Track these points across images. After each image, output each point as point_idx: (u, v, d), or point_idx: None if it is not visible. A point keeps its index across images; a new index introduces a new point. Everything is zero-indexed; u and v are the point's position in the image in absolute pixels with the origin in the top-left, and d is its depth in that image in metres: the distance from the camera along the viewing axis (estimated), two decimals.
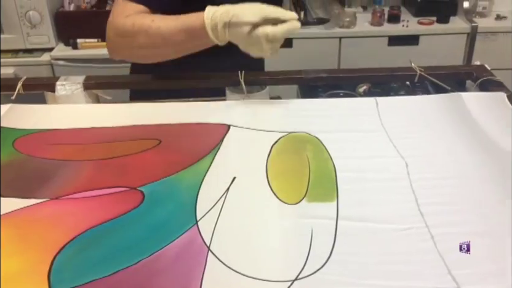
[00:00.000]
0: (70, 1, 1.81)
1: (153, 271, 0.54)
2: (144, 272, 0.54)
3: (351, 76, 0.98)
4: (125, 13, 0.87)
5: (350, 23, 1.95)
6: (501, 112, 0.82)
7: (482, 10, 2.07)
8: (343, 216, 0.61)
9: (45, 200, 0.65)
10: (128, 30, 0.86)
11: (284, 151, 0.75)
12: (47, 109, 0.92)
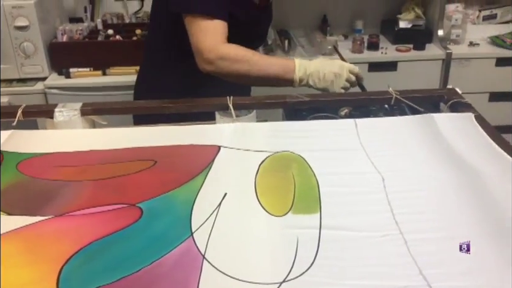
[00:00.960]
0: (63, 32, 1.88)
1: (153, 278, 0.59)
2: (145, 279, 0.59)
3: (332, 99, 1.06)
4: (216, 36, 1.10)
5: (332, 51, 2.04)
6: (469, 131, 0.90)
7: (456, 37, 2.19)
8: (326, 226, 0.67)
9: (50, 218, 0.70)
10: (230, 57, 1.10)
11: (270, 169, 0.81)
12: (47, 134, 0.98)
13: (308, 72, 1.12)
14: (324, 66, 1.12)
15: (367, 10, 2.35)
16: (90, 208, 0.72)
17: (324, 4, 2.30)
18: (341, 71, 1.11)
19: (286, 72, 1.12)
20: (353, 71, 1.14)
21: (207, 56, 1.11)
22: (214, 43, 1.10)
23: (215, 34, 1.11)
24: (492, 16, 2.33)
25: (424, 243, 0.63)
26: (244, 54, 1.11)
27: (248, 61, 1.11)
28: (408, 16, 2.23)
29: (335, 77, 1.11)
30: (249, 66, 1.11)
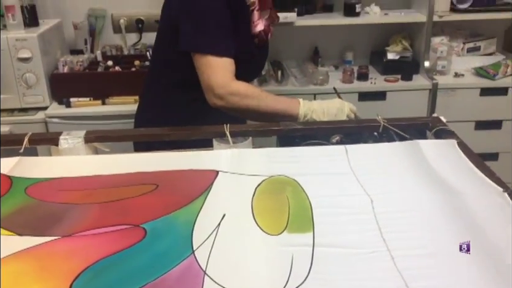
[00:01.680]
0: (64, 64, 1.95)
1: None
2: None
3: (323, 127, 1.12)
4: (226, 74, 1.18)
5: (323, 80, 2.13)
6: (452, 157, 0.96)
7: (442, 68, 2.28)
8: (319, 244, 0.72)
9: (59, 238, 0.74)
10: (241, 93, 1.19)
11: (266, 191, 0.86)
12: (53, 160, 1.02)
13: (312, 108, 1.19)
14: (326, 103, 1.21)
15: (357, 43, 2.45)
16: (96, 229, 0.76)
17: (316, 36, 2.40)
18: (343, 107, 1.20)
19: (291, 108, 1.19)
20: (353, 109, 1.22)
21: (218, 92, 1.18)
22: (225, 79, 1.18)
23: (224, 71, 1.18)
24: (475, 49, 2.43)
25: (410, 259, 0.68)
26: (253, 91, 1.20)
27: (257, 97, 1.19)
28: (395, 48, 2.33)
29: (338, 111, 1.19)
30: (258, 102, 1.19)
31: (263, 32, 1.29)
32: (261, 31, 1.29)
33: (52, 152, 1.11)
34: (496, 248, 0.69)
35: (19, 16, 1.89)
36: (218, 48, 1.18)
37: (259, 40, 1.30)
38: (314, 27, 2.23)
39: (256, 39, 1.29)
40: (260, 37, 1.29)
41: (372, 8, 2.28)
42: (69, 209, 0.82)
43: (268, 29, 1.33)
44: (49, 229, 0.76)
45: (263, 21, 1.29)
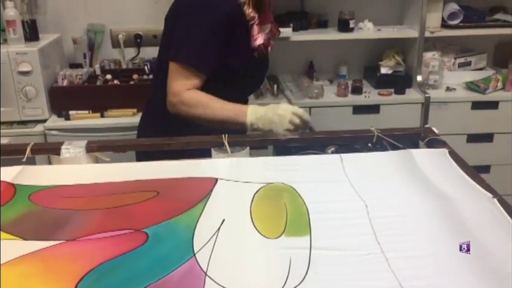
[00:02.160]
0: (63, 77, 1.98)
1: None
2: None
3: (319, 137, 1.15)
4: (187, 83, 1.21)
5: (318, 94, 2.17)
6: (443, 164, 1.00)
7: (434, 83, 2.33)
8: (315, 247, 0.74)
9: (63, 242, 0.76)
10: (189, 103, 1.22)
11: (264, 197, 0.89)
12: (55, 168, 1.05)
13: (259, 115, 1.19)
14: (271, 110, 1.18)
15: (351, 57, 2.50)
16: (99, 233, 0.79)
17: (311, 51, 2.44)
18: (285, 113, 1.17)
19: (238, 116, 1.20)
20: (297, 112, 1.19)
21: (170, 99, 1.23)
22: (180, 88, 1.21)
23: (185, 80, 1.22)
24: (466, 64, 2.49)
25: (404, 260, 0.70)
26: (201, 99, 1.22)
27: (204, 106, 1.21)
28: (388, 63, 2.38)
29: (279, 118, 1.16)
30: (205, 111, 1.21)
31: (262, 46, 1.31)
32: (261, 45, 1.31)
33: (52, 162, 1.13)
34: (486, 249, 0.72)
35: (20, 31, 1.92)
36: (189, 59, 1.22)
37: (259, 54, 1.32)
38: (309, 42, 2.28)
39: (256, 52, 1.31)
40: (259, 51, 1.31)
41: (366, 24, 2.33)
42: (73, 215, 0.84)
43: (267, 43, 1.35)
44: (53, 233, 0.79)
45: (263, 35, 1.32)
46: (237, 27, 1.25)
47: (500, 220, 0.79)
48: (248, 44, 1.29)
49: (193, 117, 1.23)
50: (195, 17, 1.23)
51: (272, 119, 1.16)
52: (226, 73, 1.28)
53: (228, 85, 1.29)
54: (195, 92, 1.23)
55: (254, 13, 1.27)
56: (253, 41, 1.29)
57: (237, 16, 1.25)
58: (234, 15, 1.24)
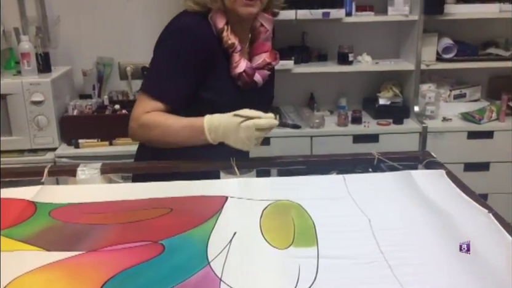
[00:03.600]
0: (74, 107, 2.06)
1: None
2: None
3: (322, 160, 1.21)
4: (146, 109, 1.16)
5: (319, 124, 2.24)
6: (441, 183, 1.05)
7: (430, 113, 2.42)
8: (323, 256, 0.79)
9: (84, 252, 0.81)
10: (147, 124, 1.15)
11: (272, 213, 0.94)
12: (73, 188, 1.10)
13: (220, 134, 1.12)
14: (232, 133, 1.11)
15: (350, 89, 2.59)
16: (118, 245, 0.83)
17: (311, 83, 2.54)
18: (249, 134, 1.09)
19: (198, 133, 1.13)
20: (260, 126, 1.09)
21: (131, 125, 1.19)
22: (140, 112, 1.17)
23: (145, 106, 1.17)
24: (461, 95, 2.58)
25: (406, 267, 0.75)
26: (159, 120, 1.16)
27: (161, 127, 1.16)
28: (387, 94, 2.47)
29: (246, 140, 1.10)
30: (162, 131, 1.15)
31: (245, 74, 1.25)
32: (242, 74, 1.25)
33: (68, 183, 1.18)
34: (483, 258, 0.77)
35: (33, 63, 2.02)
36: (152, 89, 1.19)
37: (243, 84, 1.26)
38: (310, 74, 2.38)
39: (238, 81, 1.26)
40: (242, 80, 1.25)
41: (364, 57, 2.44)
42: (92, 229, 0.89)
43: (251, 72, 1.27)
44: (75, 245, 0.83)
45: (246, 63, 1.25)
46: (214, 58, 1.22)
47: (495, 232, 0.84)
48: (227, 72, 1.25)
49: (152, 141, 1.18)
50: (164, 49, 1.21)
51: (239, 142, 1.11)
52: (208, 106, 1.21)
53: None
54: (154, 113, 1.17)
55: (233, 40, 1.22)
56: (232, 69, 1.24)
57: (212, 48, 1.21)
58: (206, 49, 1.20)
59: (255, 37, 1.31)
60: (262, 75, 1.31)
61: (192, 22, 1.21)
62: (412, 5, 2.36)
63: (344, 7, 2.30)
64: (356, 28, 2.44)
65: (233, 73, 1.25)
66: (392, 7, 2.37)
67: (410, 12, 2.36)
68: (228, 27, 1.22)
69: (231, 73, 1.25)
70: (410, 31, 2.41)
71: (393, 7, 2.37)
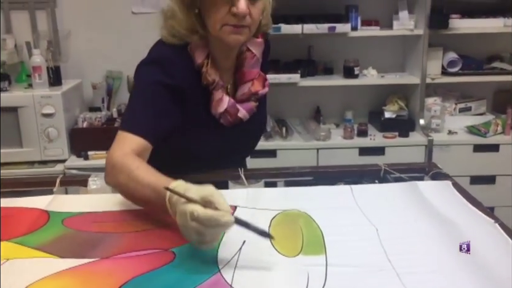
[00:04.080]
0: (83, 120, 2.09)
1: None
2: None
3: (330, 171, 1.23)
4: (124, 148, 1.01)
5: (325, 136, 2.26)
6: (448, 194, 1.07)
7: (436, 126, 2.43)
8: (331, 264, 0.80)
9: (98, 259, 0.83)
10: (116, 166, 0.98)
11: (281, 222, 0.95)
12: (84, 197, 1.12)
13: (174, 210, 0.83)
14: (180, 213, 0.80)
15: (356, 103, 2.62)
16: (130, 252, 0.85)
17: (317, 96, 2.57)
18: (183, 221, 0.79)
19: (160, 201, 0.86)
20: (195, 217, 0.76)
21: (106, 165, 1.03)
22: (113, 151, 1.02)
23: (123, 144, 1.03)
24: (467, 109, 2.60)
25: (413, 274, 0.76)
26: (128, 166, 0.96)
27: (128, 174, 0.95)
28: (392, 107, 2.49)
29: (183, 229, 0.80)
30: (128, 180, 0.95)
31: (227, 114, 1.16)
32: (225, 112, 1.16)
33: (80, 193, 1.21)
34: (490, 268, 0.78)
35: (44, 76, 2.06)
36: (130, 125, 1.06)
37: (225, 122, 1.18)
38: (316, 87, 2.41)
39: (220, 119, 1.17)
40: (224, 118, 1.17)
41: (369, 71, 2.46)
42: (104, 237, 0.91)
43: (233, 110, 1.17)
44: (88, 252, 0.85)
45: (228, 101, 1.16)
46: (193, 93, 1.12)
47: (501, 242, 0.85)
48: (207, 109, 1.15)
49: (118, 187, 1.00)
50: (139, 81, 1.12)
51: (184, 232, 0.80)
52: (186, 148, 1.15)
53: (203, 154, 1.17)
54: (128, 155, 0.99)
55: (213, 76, 1.12)
56: (213, 108, 1.15)
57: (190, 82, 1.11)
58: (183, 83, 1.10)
59: (241, 64, 1.18)
60: (248, 108, 1.20)
61: (169, 53, 1.10)
62: (417, 19, 2.40)
63: (349, 21, 2.34)
64: (361, 42, 2.47)
65: (214, 112, 1.15)
66: (398, 22, 2.40)
67: (415, 26, 2.40)
68: (208, 61, 1.12)
69: (211, 110, 1.15)
70: (415, 45, 2.44)
71: (398, 21, 2.40)
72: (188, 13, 1.08)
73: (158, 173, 0.93)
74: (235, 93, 1.21)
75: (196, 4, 1.07)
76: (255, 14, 1.06)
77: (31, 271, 0.79)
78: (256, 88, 1.19)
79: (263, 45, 1.20)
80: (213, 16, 1.05)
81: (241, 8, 1.02)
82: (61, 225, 0.96)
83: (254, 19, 1.06)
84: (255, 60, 1.19)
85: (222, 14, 1.04)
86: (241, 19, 1.03)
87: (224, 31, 1.06)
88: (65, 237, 0.91)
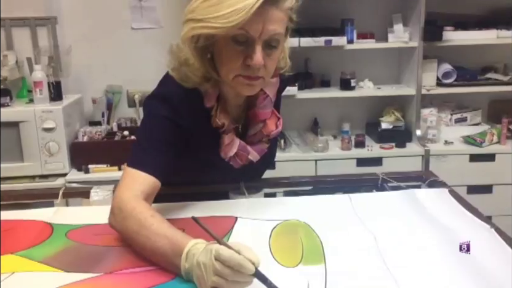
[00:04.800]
0: (84, 134, 2.11)
1: None
2: None
3: (329, 180, 1.25)
4: (134, 188, 0.97)
5: (323, 148, 2.29)
6: (445, 201, 1.09)
7: (432, 137, 2.46)
8: (331, 272, 0.82)
9: (102, 274, 0.84)
10: (127, 210, 0.92)
11: (281, 233, 0.97)
12: (87, 209, 1.14)
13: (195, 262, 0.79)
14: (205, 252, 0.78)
15: (353, 114, 2.65)
16: (133, 268, 0.86)
17: (315, 108, 2.60)
18: (206, 260, 0.76)
19: (175, 254, 0.82)
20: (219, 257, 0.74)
21: (112, 204, 0.97)
22: (121, 191, 0.98)
23: (132, 184, 0.99)
24: (462, 119, 2.63)
25: (409, 277, 0.79)
26: (140, 211, 0.92)
27: (140, 220, 0.90)
28: (389, 119, 2.52)
29: (202, 269, 0.76)
30: (139, 227, 0.89)
31: (237, 157, 1.13)
32: (234, 155, 1.12)
33: (83, 204, 1.23)
34: (487, 272, 0.80)
35: (45, 91, 2.08)
36: (137, 162, 1.02)
37: (235, 163, 1.14)
38: (313, 99, 2.44)
39: (230, 162, 1.13)
40: (233, 161, 1.14)
41: (366, 83, 2.50)
42: (107, 251, 0.92)
43: (244, 154, 1.13)
44: (92, 267, 0.86)
45: (238, 144, 1.12)
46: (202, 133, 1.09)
47: (497, 246, 0.87)
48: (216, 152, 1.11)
49: (124, 232, 0.94)
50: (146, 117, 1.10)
51: (196, 272, 0.78)
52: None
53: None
54: (138, 201, 0.95)
55: (223, 120, 1.07)
56: (222, 151, 1.11)
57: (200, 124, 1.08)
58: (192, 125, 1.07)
59: (253, 103, 1.13)
60: (259, 150, 1.16)
61: (179, 92, 1.05)
62: (412, 32, 2.44)
63: (345, 34, 2.38)
64: (357, 54, 2.51)
65: (224, 156, 1.12)
66: (393, 34, 2.44)
67: (409, 39, 2.44)
68: (217, 105, 1.08)
69: (220, 153, 1.12)
70: (410, 57, 2.48)
71: (393, 34, 2.44)
72: (202, 60, 1.02)
73: (173, 226, 0.89)
74: (245, 132, 1.16)
75: (209, 49, 1.02)
76: (270, 65, 1.01)
77: (37, 285, 0.80)
78: (268, 129, 1.15)
79: (277, 85, 1.16)
80: (226, 66, 1.00)
81: (257, 61, 0.96)
82: (65, 238, 0.98)
83: (269, 70, 1.01)
84: (268, 100, 1.13)
85: (236, 65, 0.98)
86: (256, 71, 0.98)
87: (237, 81, 1.01)
88: (69, 250, 0.93)
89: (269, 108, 1.15)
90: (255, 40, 0.95)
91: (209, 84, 1.05)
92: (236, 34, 0.95)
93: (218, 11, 0.92)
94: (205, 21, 0.94)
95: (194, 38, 0.98)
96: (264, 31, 0.95)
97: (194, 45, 0.99)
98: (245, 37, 0.95)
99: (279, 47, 1.01)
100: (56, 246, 0.94)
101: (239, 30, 0.93)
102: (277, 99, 1.20)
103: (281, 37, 0.99)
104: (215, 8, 0.92)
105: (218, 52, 1.01)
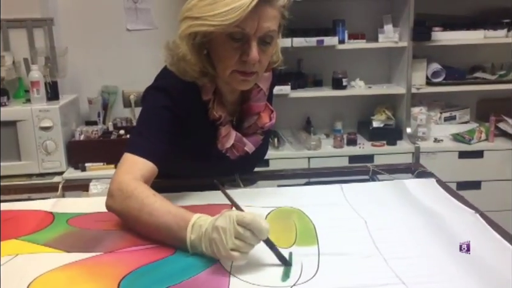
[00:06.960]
0: (80, 133, 2.14)
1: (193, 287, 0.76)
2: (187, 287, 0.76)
3: (321, 172, 1.29)
4: (133, 172, 1.00)
5: (316, 146, 2.33)
6: (432, 190, 1.14)
7: (422, 135, 2.51)
8: (323, 253, 0.86)
9: (102, 253, 0.88)
10: (128, 190, 0.95)
11: (275, 218, 1.01)
12: (86, 200, 1.17)
13: (201, 232, 0.84)
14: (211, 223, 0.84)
15: (345, 113, 2.70)
16: (133, 246, 0.90)
17: (308, 108, 2.64)
18: (226, 225, 0.80)
19: (180, 227, 0.87)
20: (243, 221, 0.79)
21: (110, 187, 0.99)
22: (120, 174, 1.00)
23: (131, 168, 1.01)
24: (451, 118, 2.68)
25: (399, 259, 0.82)
26: (141, 191, 0.94)
27: (142, 199, 0.92)
28: (380, 117, 2.57)
29: (218, 234, 0.80)
30: (141, 205, 0.92)
31: (234, 148, 1.17)
32: (231, 147, 1.16)
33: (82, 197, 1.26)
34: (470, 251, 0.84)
35: (42, 91, 2.11)
36: (138, 148, 1.04)
37: (232, 155, 1.18)
38: (306, 99, 2.48)
39: (226, 153, 1.17)
40: (230, 152, 1.17)
41: (357, 83, 2.55)
42: (107, 234, 0.96)
43: (240, 145, 1.17)
44: (93, 247, 0.90)
45: (234, 136, 1.16)
46: (198, 124, 1.13)
47: (481, 230, 0.92)
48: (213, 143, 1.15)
49: (124, 212, 0.96)
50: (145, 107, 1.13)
51: (212, 236, 0.81)
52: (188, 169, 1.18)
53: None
54: (137, 182, 0.97)
55: (220, 113, 1.11)
56: (219, 143, 1.15)
57: (196, 115, 1.11)
58: (189, 116, 1.10)
59: (247, 97, 1.17)
60: (254, 141, 1.20)
61: (178, 85, 1.08)
62: (401, 32, 2.50)
63: (337, 35, 2.43)
64: (349, 54, 2.56)
65: (221, 147, 1.15)
66: (383, 35, 2.50)
67: (399, 39, 2.49)
68: (214, 97, 1.11)
69: (217, 145, 1.15)
70: (400, 57, 2.54)
71: (383, 34, 2.50)
72: (199, 56, 1.05)
73: (172, 204, 0.93)
74: (240, 124, 1.20)
75: (205, 45, 1.05)
76: (264, 60, 1.05)
77: (40, 264, 0.83)
78: (263, 121, 1.19)
79: (270, 79, 1.21)
80: (223, 62, 1.03)
81: (253, 57, 1.00)
82: (66, 224, 1.01)
83: (263, 65, 1.06)
84: (262, 94, 1.18)
85: (233, 61, 1.02)
86: (251, 66, 1.02)
87: (233, 77, 1.05)
88: (70, 234, 0.96)
89: (263, 101, 1.20)
90: (250, 37, 1.00)
91: (206, 78, 1.09)
92: (232, 31, 0.99)
93: (214, 9, 0.96)
94: (203, 19, 0.98)
95: (191, 35, 1.02)
96: (259, 28, 0.99)
97: (192, 42, 1.03)
98: (241, 34, 0.99)
99: (273, 43, 1.05)
100: (57, 231, 0.98)
101: (236, 28, 0.98)
102: (270, 92, 1.25)
103: (275, 33, 1.04)
104: (212, 7, 0.97)
105: (214, 48, 1.04)
